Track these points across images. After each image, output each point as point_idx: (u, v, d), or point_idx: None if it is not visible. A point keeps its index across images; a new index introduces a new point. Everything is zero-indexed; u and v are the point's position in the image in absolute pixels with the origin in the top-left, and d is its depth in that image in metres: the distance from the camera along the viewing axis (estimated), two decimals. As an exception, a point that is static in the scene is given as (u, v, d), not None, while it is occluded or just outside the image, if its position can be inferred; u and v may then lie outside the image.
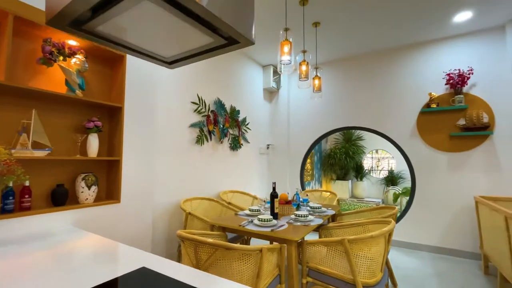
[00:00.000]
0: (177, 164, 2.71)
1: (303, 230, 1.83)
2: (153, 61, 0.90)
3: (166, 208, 2.59)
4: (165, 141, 2.59)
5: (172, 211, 2.65)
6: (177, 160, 2.71)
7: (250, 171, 3.98)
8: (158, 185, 2.51)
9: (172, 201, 2.66)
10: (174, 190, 2.68)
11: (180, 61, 0.90)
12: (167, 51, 0.83)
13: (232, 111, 3.54)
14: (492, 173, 3.07)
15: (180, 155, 2.74)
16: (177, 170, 2.70)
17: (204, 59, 1.10)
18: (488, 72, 3.13)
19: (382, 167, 7.29)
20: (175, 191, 2.69)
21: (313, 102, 4.30)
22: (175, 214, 2.69)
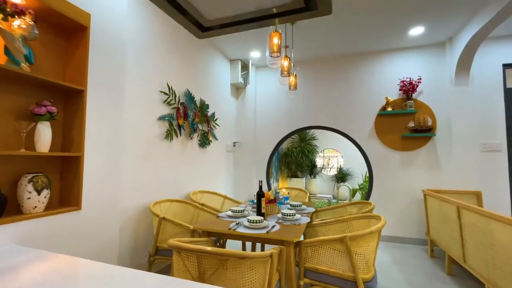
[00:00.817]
0: (144, 162, 2.35)
1: (296, 230, 1.76)
2: (185, 23, 0.69)
3: (132, 212, 2.22)
4: (131, 135, 2.21)
5: (138, 216, 2.29)
6: (144, 158, 2.35)
7: (217, 169, 3.76)
8: (123, 187, 2.13)
9: (139, 204, 2.30)
10: (140, 191, 2.31)
11: (218, 28, 0.72)
12: (214, 10, 0.63)
13: (202, 104, 3.27)
14: (433, 169, 3.55)
15: (147, 152, 2.39)
16: (143, 169, 2.35)
17: (248, 29, 0.92)
18: (432, 81, 3.60)
19: (332, 165, 7.85)
20: (141, 193, 2.33)
21: (280, 100, 4.31)
22: (142, 219, 2.33)
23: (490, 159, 3.33)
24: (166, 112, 2.61)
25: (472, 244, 2.19)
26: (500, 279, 1.83)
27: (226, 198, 3.23)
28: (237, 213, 2.15)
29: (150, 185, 2.42)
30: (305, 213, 2.28)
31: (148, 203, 2.40)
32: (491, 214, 1.90)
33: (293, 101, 4.25)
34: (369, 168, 3.88)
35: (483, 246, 2.02)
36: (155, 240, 2.05)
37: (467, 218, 2.24)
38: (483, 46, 3.43)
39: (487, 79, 3.39)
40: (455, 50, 3.36)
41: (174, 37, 2.77)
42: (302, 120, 4.20)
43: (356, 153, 7.48)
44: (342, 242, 1.57)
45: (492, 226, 1.90)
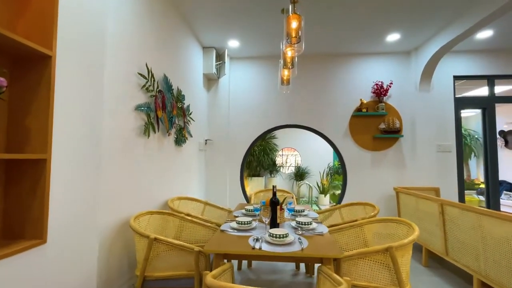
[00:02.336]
0: (120, 163, 1.78)
1: (327, 242, 1.55)
2: None
3: (107, 232, 1.64)
4: (106, 128, 1.63)
5: (114, 235, 1.71)
6: (121, 158, 1.78)
7: (191, 171, 3.27)
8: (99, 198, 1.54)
9: (116, 220, 1.72)
10: (116, 203, 1.74)
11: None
12: None
13: (178, 94, 2.76)
14: (400, 168, 3.84)
15: (123, 151, 1.82)
16: (119, 172, 1.77)
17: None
18: (399, 86, 3.88)
19: (290, 164, 7.98)
20: (117, 205, 1.75)
21: (255, 96, 4.04)
22: (118, 238, 1.76)
23: (444, 159, 3.76)
24: (143, 101, 2.06)
25: (457, 239, 2.35)
26: (493, 272, 1.98)
27: (207, 205, 2.80)
28: (243, 225, 1.81)
29: (127, 193, 1.86)
30: (314, 219, 2.09)
31: (125, 218, 1.83)
32: (483, 211, 2.04)
33: (269, 98, 4.03)
34: (343, 167, 3.96)
35: (472, 240, 2.17)
36: (141, 268, 1.55)
37: (452, 214, 2.41)
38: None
39: (442, 88, 3.81)
40: (420, 59, 3.68)
41: (150, 8, 2.21)
42: (278, 118, 4.02)
43: (312, 152, 7.77)
44: (386, 253, 1.42)
45: (484, 221, 2.06)
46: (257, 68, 4.05)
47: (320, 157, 7.62)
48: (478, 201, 6.27)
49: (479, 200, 6.29)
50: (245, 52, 3.89)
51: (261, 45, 3.65)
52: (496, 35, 3.34)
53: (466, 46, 3.65)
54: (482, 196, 6.49)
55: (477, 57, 3.81)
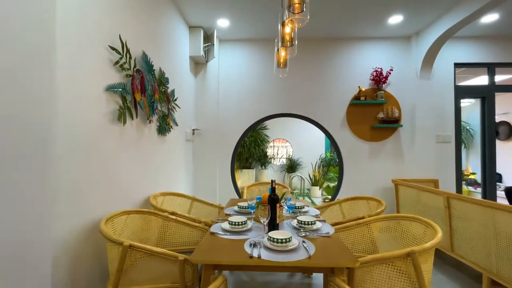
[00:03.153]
0: (87, 155, 1.47)
1: (337, 246, 1.32)
2: None
3: (67, 240, 1.34)
4: (67, 112, 1.30)
5: (78, 243, 1.41)
6: (87, 149, 1.47)
7: (177, 163, 2.97)
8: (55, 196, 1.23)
9: (79, 224, 1.42)
10: (82, 204, 1.43)
11: None
12: None
13: (161, 77, 2.43)
14: (398, 159, 3.68)
15: (91, 140, 1.50)
16: (86, 165, 1.46)
17: None
18: (399, 73, 3.68)
19: (281, 155, 7.77)
20: (83, 206, 1.45)
21: (247, 83, 3.74)
22: (84, 247, 1.46)
23: (442, 150, 3.63)
24: (117, 80, 1.73)
25: (465, 234, 2.20)
26: (507, 270, 1.83)
27: (195, 200, 2.53)
28: (237, 226, 1.56)
29: (98, 191, 1.55)
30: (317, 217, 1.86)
31: (97, 220, 1.53)
32: (498, 205, 1.88)
33: (262, 86, 3.74)
34: (339, 159, 3.77)
35: (483, 236, 2.02)
36: (113, 282, 1.27)
37: (460, 208, 2.25)
38: (440, 45, 3.68)
39: (442, 75, 3.64)
40: (421, 45, 3.47)
41: (125, -30, 1.85)
42: (271, 106, 3.75)
43: (304, 143, 7.58)
44: (407, 259, 1.21)
45: (498, 217, 1.90)
46: (249, 52, 3.74)
47: (312, 149, 7.45)
48: (467, 192, 6.31)
49: (469, 191, 6.33)
50: (236, 34, 3.56)
51: (254, 25, 3.34)
52: (502, 19, 3.16)
53: (469, 31, 3.48)
54: (471, 187, 6.55)
55: (479, 44, 3.65)
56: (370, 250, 1.74)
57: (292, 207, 1.72)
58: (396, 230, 1.67)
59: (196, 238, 1.85)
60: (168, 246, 1.83)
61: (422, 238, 1.47)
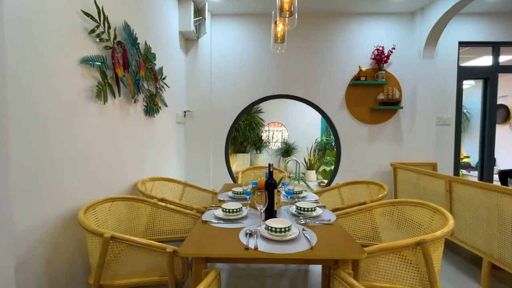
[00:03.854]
0: (58, 136, 1.30)
1: (340, 235, 1.21)
2: None
3: (41, 232, 1.20)
4: (29, 86, 1.12)
5: (58, 234, 1.28)
6: (58, 129, 1.30)
7: (167, 147, 2.80)
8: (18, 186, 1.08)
9: (58, 214, 1.28)
10: (58, 192, 1.28)
11: None
12: None
13: (147, 52, 2.21)
14: (397, 142, 3.58)
15: (63, 119, 1.32)
16: (57, 149, 1.30)
17: None
18: (401, 52, 3.49)
19: (277, 139, 7.64)
20: (60, 194, 1.30)
21: (241, 61, 3.52)
22: (68, 237, 1.33)
23: (442, 133, 3.54)
24: (94, 53, 1.53)
25: (465, 219, 2.15)
26: (508, 255, 1.78)
27: (187, 186, 2.40)
28: (231, 214, 1.44)
29: (78, 176, 1.40)
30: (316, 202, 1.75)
31: (74, 209, 1.39)
32: (505, 189, 1.80)
33: (257, 65, 3.53)
34: (337, 142, 3.65)
35: (485, 221, 1.96)
36: (94, 276, 1.15)
37: (462, 192, 2.17)
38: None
39: (446, 55, 3.48)
40: (426, 21, 3.28)
41: None
42: (267, 87, 3.56)
43: (300, 127, 7.45)
44: (416, 248, 1.11)
45: (503, 201, 1.82)
46: (244, 28, 3.49)
47: (308, 133, 7.33)
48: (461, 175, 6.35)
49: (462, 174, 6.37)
50: (230, 8, 3.30)
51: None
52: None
53: (475, 8, 3.28)
54: (465, 170, 6.59)
55: (484, 22, 3.46)
56: (371, 237, 1.66)
57: (290, 193, 1.60)
58: (399, 216, 1.58)
59: (189, 226, 1.74)
60: (158, 235, 1.71)
61: (429, 225, 1.38)
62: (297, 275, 2.04)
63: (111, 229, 1.50)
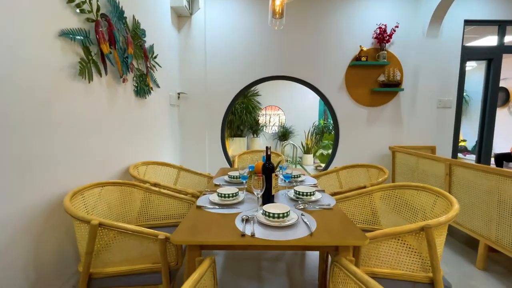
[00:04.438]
0: (41, 119, 1.20)
1: (340, 220, 1.17)
2: None
3: (25, 218, 1.13)
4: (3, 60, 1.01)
5: (45, 220, 1.21)
6: (36, 111, 1.19)
7: (161, 130, 2.70)
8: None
9: (46, 199, 1.20)
10: (44, 176, 1.20)
11: None
12: None
13: (136, 27, 2.05)
14: (396, 125, 3.52)
15: (42, 99, 1.22)
16: (37, 132, 1.20)
17: None
18: (404, 31, 3.34)
19: (274, 123, 7.54)
20: (46, 179, 1.22)
21: (238, 40, 3.34)
22: (55, 223, 1.26)
23: (442, 116, 3.47)
24: (75, 25, 1.39)
25: (464, 201, 2.13)
26: (507, 238, 1.78)
27: (182, 170, 2.33)
28: (227, 199, 1.38)
29: (58, 160, 1.31)
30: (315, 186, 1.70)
31: (61, 195, 1.32)
32: (507, 172, 1.76)
33: (254, 44, 3.36)
34: (335, 125, 3.58)
35: (484, 204, 1.94)
36: (84, 264, 1.10)
37: (462, 176, 2.14)
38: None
39: (450, 34, 3.34)
40: (432, -3, 3.11)
41: None
42: (264, 68, 3.42)
43: (297, 110, 7.33)
44: (419, 233, 1.07)
45: (505, 184, 1.79)
46: (240, 3, 3.28)
47: (305, 116, 7.23)
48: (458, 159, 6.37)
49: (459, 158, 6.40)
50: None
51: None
52: (524, -34, 2.81)
53: (484, -17, 3.12)
54: (461, 154, 6.61)
55: None
56: (371, 221, 1.63)
57: (288, 177, 1.54)
58: (400, 200, 1.54)
59: (183, 211, 1.69)
60: (151, 220, 1.66)
61: (431, 209, 1.34)
62: (294, 258, 2.03)
63: (101, 215, 1.43)
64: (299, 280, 1.77)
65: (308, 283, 1.75)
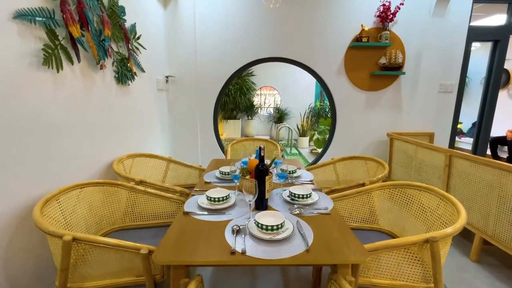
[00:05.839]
0: None
1: (339, 229, 1.08)
2: None
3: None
4: None
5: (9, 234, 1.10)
6: (-5, 109, 1.03)
7: (148, 117, 2.54)
8: None
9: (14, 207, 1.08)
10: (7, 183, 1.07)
11: None
12: None
13: (113, 4, 1.81)
14: (395, 111, 3.39)
15: (0, 96, 1.05)
16: None
17: None
18: (409, 9, 3.10)
19: (269, 104, 7.34)
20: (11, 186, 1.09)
21: (230, 17, 3.07)
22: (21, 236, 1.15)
23: (443, 100, 3.35)
24: (33, 4, 1.18)
25: (462, 194, 2.08)
26: (504, 233, 1.74)
27: (171, 162, 2.20)
28: (218, 203, 1.27)
29: (28, 163, 1.17)
30: (311, 184, 1.61)
31: (32, 201, 1.19)
32: (509, 167, 1.69)
33: (248, 23, 3.10)
34: (332, 109, 3.44)
35: (484, 197, 1.89)
36: (60, 280, 1.00)
37: (462, 168, 2.07)
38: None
39: (457, 12, 3.11)
40: (441, -29, 2.85)
41: None
42: (258, 49, 3.18)
43: (293, 91, 7.11)
44: (423, 245, 1.00)
45: (507, 179, 1.72)
46: (231, -26, 2.97)
47: (301, 97, 7.03)
48: (453, 142, 6.36)
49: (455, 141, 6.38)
50: None
51: None
52: None
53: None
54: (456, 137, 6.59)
55: (504, -27, 3.05)
56: (369, 220, 1.56)
57: (283, 176, 1.44)
58: (400, 199, 1.46)
59: (172, 209, 1.59)
60: (138, 220, 1.56)
61: (434, 211, 1.26)
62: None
63: (81, 218, 1.33)
64: (294, 275, 1.74)
65: (303, 278, 1.72)
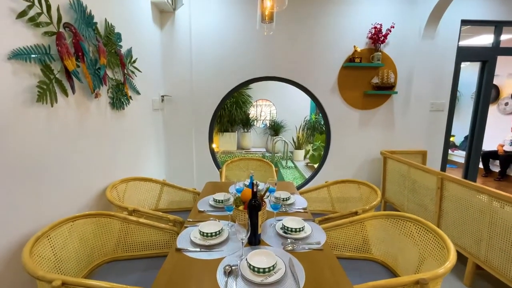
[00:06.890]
0: (-12, 160, 1.04)
1: (330, 269, 1.08)
2: None
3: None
4: None
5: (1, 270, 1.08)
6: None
7: (143, 139, 2.54)
8: None
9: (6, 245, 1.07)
10: None
11: None
12: None
13: (109, 33, 1.84)
14: (387, 129, 3.45)
15: (-8, 136, 1.05)
16: (-10, 175, 1.04)
17: None
18: (400, 32, 3.20)
19: (265, 117, 7.39)
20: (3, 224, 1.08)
21: (225, 38, 3.13)
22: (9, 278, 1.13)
23: (434, 119, 3.42)
24: (29, 42, 1.19)
25: (454, 218, 2.10)
26: (496, 260, 1.76)
27: (165, 185, 2.20)
28: (211, 237, 1.27)
29: (18, 197, 1.16)
30: (305, 212, 1.62)
31: (22, 238, 1.17)
32: (499, 195, 1.72)
33: (243, 43, 3.15)
34: (327, 127, 3.48)
35: (475, 223, 1.91)
36: (48, 324, 0.98)
37: (454, 192, 2.10)
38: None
39: (446, 34, 3.22)
40: (430, -3, 2.96)
41: None
42: (253, 68, 3.24)
43: (289, 104, 7.18)
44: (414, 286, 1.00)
45: (497, 205, 1.75)
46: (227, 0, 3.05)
47: (297, 111, 7.10)
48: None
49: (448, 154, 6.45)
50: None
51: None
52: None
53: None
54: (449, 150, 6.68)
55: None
56: (362, 249, 1.57)
57: (277, 208, 1.44)
58: (392, 228, 1.47)
59: (165, 238, 1.58)
60: (130, 251, 1.55)
61: (426, 245, 1.27)
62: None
63: (72, 252, 1.31)
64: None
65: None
